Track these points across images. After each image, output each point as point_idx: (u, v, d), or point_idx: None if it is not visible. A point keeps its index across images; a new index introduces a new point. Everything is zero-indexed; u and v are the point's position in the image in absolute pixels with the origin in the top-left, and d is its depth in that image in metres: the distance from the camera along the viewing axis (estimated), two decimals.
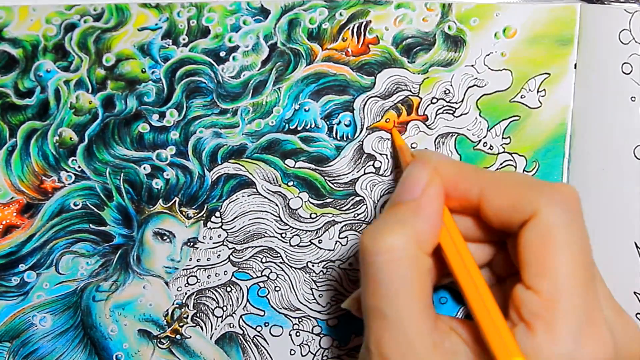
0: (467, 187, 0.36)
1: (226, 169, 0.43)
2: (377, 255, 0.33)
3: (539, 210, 0.34)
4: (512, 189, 0.35)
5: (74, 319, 0.43)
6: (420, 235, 0.34)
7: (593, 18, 0.43)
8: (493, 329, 0.32)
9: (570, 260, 0.33)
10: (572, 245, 0.33)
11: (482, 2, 0.43)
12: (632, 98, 0.42)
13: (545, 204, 0.34)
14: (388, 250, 0.33)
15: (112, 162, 0.42)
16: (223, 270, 0.44)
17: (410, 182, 0.36)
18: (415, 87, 0.43)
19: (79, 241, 0.42)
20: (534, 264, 0.33)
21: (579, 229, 0.34)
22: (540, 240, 0.33)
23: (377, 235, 0.34)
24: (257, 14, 0.41)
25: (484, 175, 0.37)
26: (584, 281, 0.33)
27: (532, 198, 0.34)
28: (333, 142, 0.43)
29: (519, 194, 0.35)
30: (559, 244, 0.33)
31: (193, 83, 0.41)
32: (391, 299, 0.33)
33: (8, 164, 0.41)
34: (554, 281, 0.33)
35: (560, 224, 0.33)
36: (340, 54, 0.42)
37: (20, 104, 0.40)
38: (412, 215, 0.35)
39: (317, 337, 0.46)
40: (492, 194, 0.35)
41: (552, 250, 0.33)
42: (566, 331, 0.32)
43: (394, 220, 0.35)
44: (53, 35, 0.39)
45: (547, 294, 0.33)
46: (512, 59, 0.44)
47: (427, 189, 0.36)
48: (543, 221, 0.33)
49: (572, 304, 0.32)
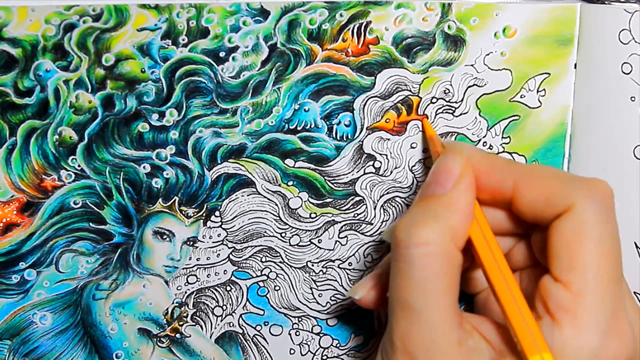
0: (501, 179, 0.36)
1: (226, 169, 0.43)
2: (411, 248, 0.33)
3: (574, 204, 0.34)
4: (547, 182, 0.35)
5: (74, 318, 0.43)
6: (454, 230, 0.34)
7: (593, 18, 0.43)
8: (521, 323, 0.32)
9: (602, 256, 0.33)
10: (605, 241, 0.33)
11: (482, 2, 0.43)
12: (632, 98, 0.42)
13: (581, 198, 0.34)
14: (423, 244, 0.33)
15: (112, 161, 0.42)
16: (223, 269, 0.44)
17: (443, 175, 0.36)
18: (415, 87, 0.43)
19: (79, 240, 0.42)
20: (565, 257, 0.33)
21: (612, 226, 0.34)
22: (573, 234, 0.33)
23: (411, 228, 0.34)
24: (256, 14, 0.41)
25: (518, 167, 0.36)
26: (613, 278, 0.33)
27: (567, 192, 0.34)
28: (333, 142, 0.43)
29: (554, 187, 0.35)
30: (592, 240, 0.33)
31: (193, 83, 0.41)
32: (423, 293, 0.33)
33: (8, 163, 0.41)
34: (584, 275, 0.33)
35: (594, 219, 0.33)
36: (340, 54, 0.42)
37: (20, 103, 0.40)
38: (446, 209, 0.35)
39: (317, 337, 0.46)
40: (526, 186, 0.35)
41: (585, 245, 0.33)
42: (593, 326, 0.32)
43: (428, 213, 0.34)
44: (52, 35, 0.39)
45: (576, 288, 0.33)
46: (512, 59, 0.44)
47: (460, 182, 0.35)
48: (578, 215, 0.33)
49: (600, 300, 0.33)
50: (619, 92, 0.43)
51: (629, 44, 0.42)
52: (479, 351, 0.34)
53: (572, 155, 0.45)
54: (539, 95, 0.44)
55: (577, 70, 0.44)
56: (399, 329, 0.34)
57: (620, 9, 0.42)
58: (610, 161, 0.44)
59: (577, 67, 0.44)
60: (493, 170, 0.36)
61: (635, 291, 0.44)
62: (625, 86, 0.43)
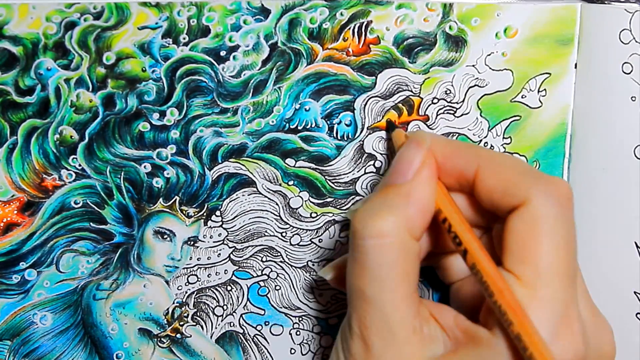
0: (464, 163, 0.36)
1: (226, 168, 0.43)
2: (366, 239, 0.34)
3: (530, 198, 0.34)
4: (507, 172, 0.35)
5: (75, 318, 0.43)
6: (410, 221, 0.34)
7: (593, 18, 0.43)
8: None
9: (554, 252, 0.33)
10: (558, 238, 0.33)
11: (483, 2, 0.43)
12: (632, 98, 0.42)
13: (538, 193, 0.34)
14: (378, 235, 0.33)
15: (113, 161, 0.42)
16: (223, 269, 0.44)
17: (403, 164, 0.36)
18: (416, 87, 0.43)
19: (79, 239, 0.42)
20: (517, 250, 0.34)
21: (567, 224, 0.34)
22: (527, 227, 0.34)
23: (367, 218, 0.34)
24: (257, 13, 0.41)
25: (481, 152, 0.37)
26: (565, 275, 0.33)
27: (525, 185, 0.34)
28: (333, 141, 0.43)
29: (513, 178, 0.35)
30: (545, 235, 0.33)
31: (193, 82, 0.41)
32: (376, 284, 0.34)
33: (9, 162, 0.41)
34: (535, 269, 0.33)
35: (549, 215, 0.33)
36: (341, 53, 0.42)
37: (20, 101, 0.40)
38: (404, 199, 0.35)
39: (317, 336, 0.46)
40: (487, 172, 0.35)
41: (538, 239, 0.33)
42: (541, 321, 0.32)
43: (385, 204, 0.35)
44: (53, 33, 0.39)
45: (528, 281, 0.33)
46: (513, 59, 0.44)
47: (420, 172, 0.36)
48: (532, 210, 0.34)
49: (551, 295, 0.33)
50: (620, 92, 0.43)
51: (629, 44, 0.42)
52: (434, 338, 0.35)
53: (572, 155, 0.45)
54: (539, 95, 0.44)
55: (577, 70, 0.44)
56: (356, 316, 0.35)
57: (621, 9, 0.42)
58: (610, 161, 0.44)
59: (577, 67, 0.44)
60: (456, 155, 0.36)
61: (635, 291, 0.44)
62: (626, 86, 0.43)
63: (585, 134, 0.45)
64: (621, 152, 0.43)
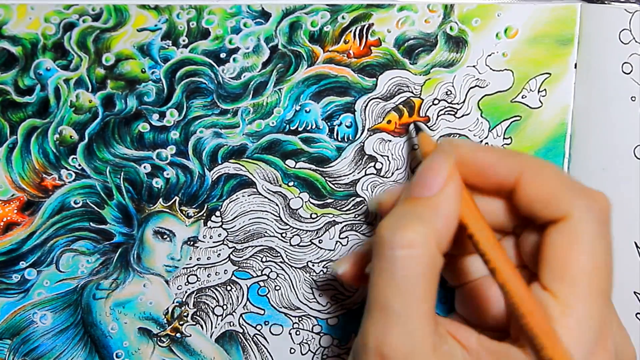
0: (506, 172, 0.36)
1: (226, 169, 0.43)
2: (396, 250, 0.33)
3: (572, 213, 0.33)
4: (550, 183, 0.35)
5: (75, 317, 0.43)
6: (438, 234, 0.34)
7: (593, 18, 0.43)
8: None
9: (594, 270, 0.33)
10: (598, 256, 0.33)
11: (484, 3, 0.43)
12: (632, 98, 0.42)
13: (580, 208, 0.33)
14: (408, 246, 0.32)
15: (113, 161, 0.42)
16: (223, 269, 0.44)
17: (429, 177, 0.35)
18: (416, 88, 0.43)
19: (79, 239, 0.42)
20: (555, 266, 0.33)
21: (606, 240, 0.34)
22: (567, 244, 0.33)
23: (396, 228, 0.33)
24: (257, 16, 0.41)
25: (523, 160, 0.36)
26: (602, 294, 0.33)
27: (568, 199, 0.34)
28: (334, 143, 0.43)
29: (556, 190, 0.34)
30: (586, 253, 0.33)
31: (193, 83, 0.41)
32: (403, 296, 0.32)
33: (9, 161, 0.41)
34: (573, 287, 0.33)
35: (590, 232, 0.33)
36: (342, 55, 0.42)
37: (20, 101, 0.40)
38: (432, 212, 0.34)
39: (317, 336, 0.46)
40: (529, 182, 0.35)
41: (578, 257, 0.33)
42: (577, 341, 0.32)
43: (413, 215, 0.34)
44: (52, 34, 0.39)
45: (564, 299, 0.32)
46: (514, 59, 0.43)
47: (447, 185, 0.35)
48: (574, 226, 0.33)
49: (588, 315, 0.32)
50: (620, 92, 0.43)
51: (629, 44, 0.42)
52: (454, 356, 0.34)
53: (572, 155, 0.45)
54: (539, 95, 0.44)
55: (577, 70, 0.44)
56: (374, 331, 0.33)
57: (621, 9, 0.42)
58: (610, 161, 0.44)
59: (577, 67, 0.44)
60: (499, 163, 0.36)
61: (635, 291, 0.44)
62: (626, 86, 0.43)
63: (585, 134, 0.45)
64: (621, 152, 0.43)
